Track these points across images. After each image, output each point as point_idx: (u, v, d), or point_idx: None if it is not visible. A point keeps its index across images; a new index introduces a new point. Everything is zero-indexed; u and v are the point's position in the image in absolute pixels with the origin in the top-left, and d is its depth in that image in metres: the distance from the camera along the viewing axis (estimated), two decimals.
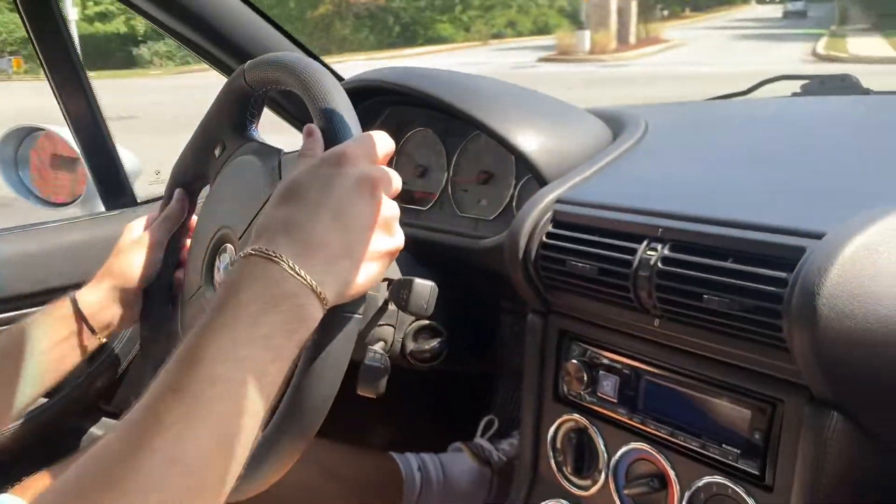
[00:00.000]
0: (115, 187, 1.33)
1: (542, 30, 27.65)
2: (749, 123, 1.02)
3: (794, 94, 1.22)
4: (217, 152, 0.89)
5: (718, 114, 1.12)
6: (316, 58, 1.35)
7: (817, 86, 1.19)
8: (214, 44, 1.23)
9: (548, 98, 1.10)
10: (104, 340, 0.91)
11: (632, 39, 23.10)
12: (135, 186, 1.37)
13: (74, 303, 0.88)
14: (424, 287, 0.89)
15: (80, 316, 0.88)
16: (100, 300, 0.89)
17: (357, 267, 0.58)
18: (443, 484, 1.15)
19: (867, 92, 1.15)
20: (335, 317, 0.61)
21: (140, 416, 0.48)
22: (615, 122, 1.06)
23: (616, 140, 1.01)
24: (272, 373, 0.52)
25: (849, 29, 25.83)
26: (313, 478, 1.04)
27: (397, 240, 0.62)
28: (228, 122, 0.87)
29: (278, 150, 0.82)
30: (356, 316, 0.64)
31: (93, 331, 0.89)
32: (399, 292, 0.91)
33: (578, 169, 0.93)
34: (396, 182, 0.64)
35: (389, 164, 1.24)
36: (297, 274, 0.54)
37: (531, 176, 1.03)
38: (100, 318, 0.89)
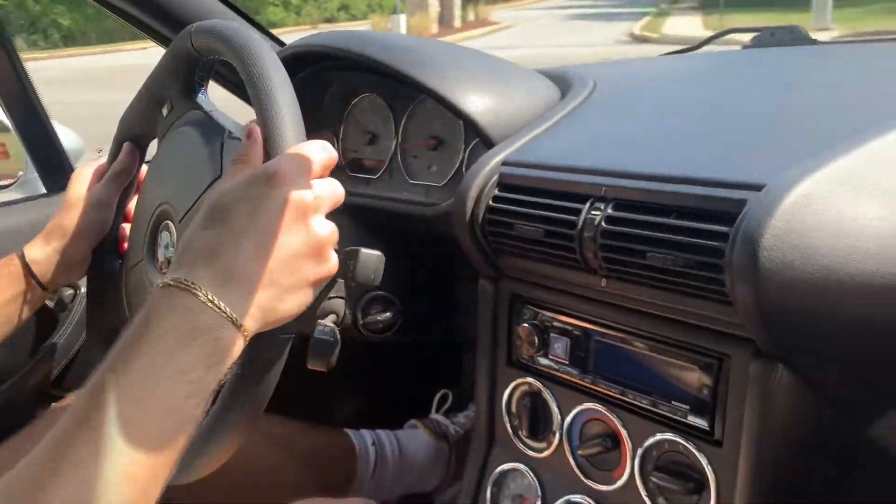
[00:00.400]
0: (54, 167, 1.29)
1: (378, 12, 26.07)
2: (697, 78, 1.01)
3: (745, 47, 1.22)
4: (164, 111, 0.85)
5: (667, 69, 1.11)
6: (258, 26, 1.31)
7: (767, 38, 1.18)
8: (146, 12, 1.19)
9: (494, 59, 1.08)
10: (51, 297, 0.92)
11: (456, 23, 21.74)
12: (76, 165, 1.33)
13: (22, 258, 0.87)
14: (371, 257, 0.87)
15: (28, 272, 0.87)
16: (48, 257, 0.88)
17: (282, 297, 0.56)
18: (398, 460, 1.15)
19: (814, 42, 1.14)
20: (264, 339, 0.59)
21: (47, 451, 0.47)
22: (562, 81, 1.05)
23: (564, 99, 0.99)
24: (188, 408, 0.51)
25: (677, 7, 25.33)
26: (266, 452, 1.03)
27: (329, 265, 0.60)
28: (175, 83, 0.83)
29: (223, 130, 0.79)
30: (287, 337, 0.62)
31: (42, 287, 0.88)
32: (346, 263, 0.89)
33: (525, 129, 0.92)
34: (335, 195, 0.61)
35: (339, 134, 1.22)
36: (216, 306, 0.52)
37: (480, 140, 1.01)
38: (48, 274, 0.88)
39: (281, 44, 1.22)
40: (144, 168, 0.93)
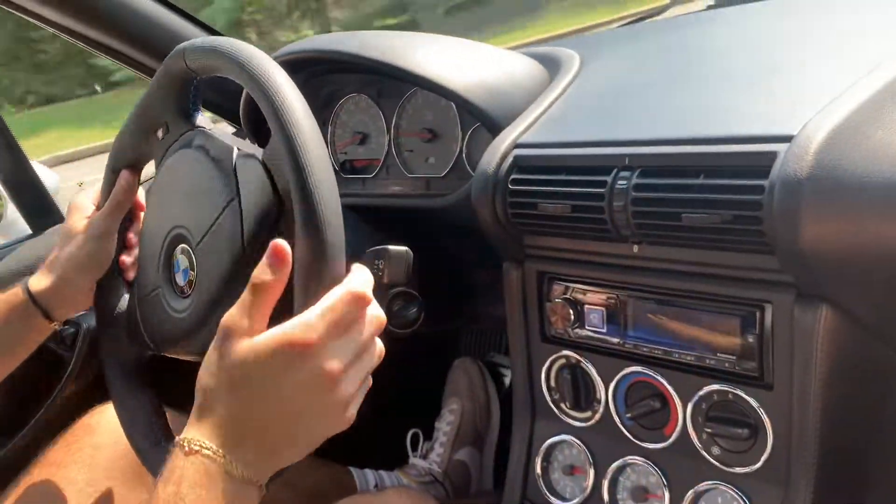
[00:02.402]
0: (38, 207, 1.26)
1: None
2: (679, 42, 1.04)
3: (709, 7, 1.25)
4: (160, 134, 0.83)
5: (646, 38, 1.13)
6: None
7: None
8: (126, 43, 1.18)
9: (478, 44, 1.09)
10: (58, 328, 0.90)
11: None
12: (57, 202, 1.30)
13: (27, 290, 0.86)
14: (400, 253, 0.88)
15: (34, 303, 0.86)
16: (52, 289, 0.87)
17: (301, 451, 0.59)
18: None
19: None
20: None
21: None
22: (549, 61, 1.06)
23: (555, 78, 1.01)
24: None
25: None
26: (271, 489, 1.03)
27: (348, 420, 0.60)
28: (171, 106, 0.81)
29: (230, 149, 0.78)
30: None
31: (48, 318, 0.88)
32: (373, 263, 0.90)
33: (527, 112, 0.93)
34: (371, 349, 0.60)
35: (326, 137, 1.21)
36: (244, 476, 0.55)
37: (478, 126, 1.02)
38: (53, 306, 0.88)
39: None
40: (141, 193, 0.92)
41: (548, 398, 0.92)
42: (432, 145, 1.09)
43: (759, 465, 0.75)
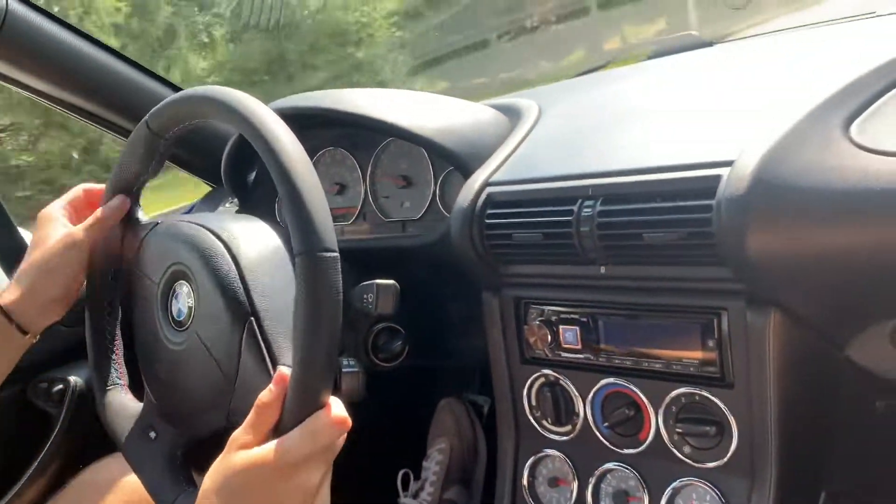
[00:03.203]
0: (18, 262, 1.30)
1: None
2: (627, 88, 1.14)
3: (648, 58, 1.37)
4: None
5: (596, 86, 1.24)
6: None
7: (667, 47, 1.34)
8: (106, 107, 1.24)
9: (443, 97, 1.19)
10: (34, 340, 0.88)
11: None
12: None
13: None
14: (388, 286, 0.95)
15: (4, 313, 0.84)
16: (23, 298, 0.85)
17: None
18: None
19: (710, 44, 1.30)
20: (313, 262, 0.66)
21: None
22: (508, 110, 1.16)
23: (518, 125, 1.11)
24: None
25: None
26: None
27: None
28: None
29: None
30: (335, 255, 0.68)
31: (22, 331, 0.86)
32: (363, 297, 0.97)
33: (496, 154, 1.02)
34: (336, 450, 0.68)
35: None
36: None
37: (449, 171, 1.11)
38: (25, 316, 0.86)
39: None
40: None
41: (530, 416, 0.98)
42: (407, 191, 1.18)
43: (727, 458, 0.82)
